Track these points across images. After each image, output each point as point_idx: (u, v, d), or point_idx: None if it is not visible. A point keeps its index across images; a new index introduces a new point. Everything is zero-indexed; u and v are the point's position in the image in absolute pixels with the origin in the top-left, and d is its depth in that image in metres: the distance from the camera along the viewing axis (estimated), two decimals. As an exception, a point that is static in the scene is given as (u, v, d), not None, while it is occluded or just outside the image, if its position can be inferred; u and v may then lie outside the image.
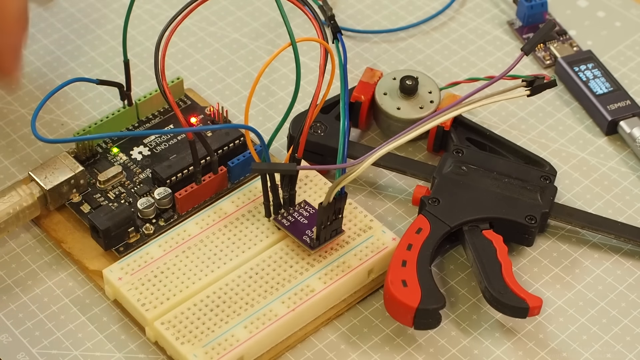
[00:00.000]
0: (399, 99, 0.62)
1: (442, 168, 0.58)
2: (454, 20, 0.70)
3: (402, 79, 0.61)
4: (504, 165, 0.58)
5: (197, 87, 0.66)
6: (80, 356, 0.53)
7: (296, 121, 0.60)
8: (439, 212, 0.56)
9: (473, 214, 0.56)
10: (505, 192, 0.57)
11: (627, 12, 0.71)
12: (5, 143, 0.63)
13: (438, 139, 0.61)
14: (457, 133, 0.61)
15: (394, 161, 0.60)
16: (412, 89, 0.61)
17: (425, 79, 0.62)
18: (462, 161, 0.58)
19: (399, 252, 0.54)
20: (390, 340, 0.54)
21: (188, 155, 0.58)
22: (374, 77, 0.62)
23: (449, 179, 0.58)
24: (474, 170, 0.58)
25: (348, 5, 0.71)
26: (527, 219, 0.56)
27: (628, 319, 0.55)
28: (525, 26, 0.69)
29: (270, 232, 0.56)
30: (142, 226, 0.57)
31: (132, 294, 0.53)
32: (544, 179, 0.58)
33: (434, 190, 0.57)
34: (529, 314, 0.53)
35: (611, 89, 0.64)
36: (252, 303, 0.53)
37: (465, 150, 0.59)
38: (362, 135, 0.63)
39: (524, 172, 0.58)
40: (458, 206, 0.56)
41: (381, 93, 0.62)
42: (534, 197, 0.57)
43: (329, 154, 0.59)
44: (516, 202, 0.57)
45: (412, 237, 0.55)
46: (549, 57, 0.67)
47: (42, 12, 0.70)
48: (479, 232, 0.55)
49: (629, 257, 0.58)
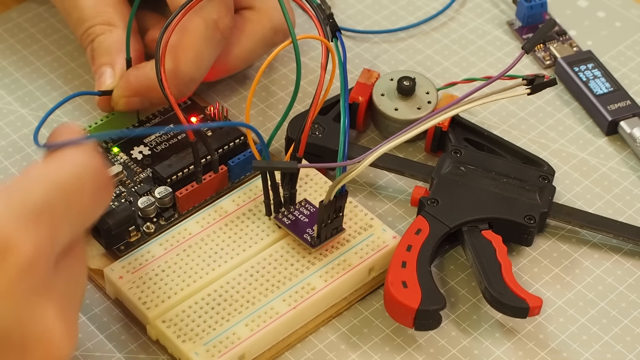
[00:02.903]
0: (397, 100, 0.62)
1: (441, 168, 0.58)
2: (454, 21, 0.70)
3: (400, 80, 0.61)
4: (502, 165, 0.58)
5: (197, 87, 0.66)
6: (80, 356, 0.53)
7: (294, 123, 0.60)
8: (438, 213, 0.56)
9: (472, 214, 0.56)
10: (504, 192, 0.57)
11: (627, 12, 0.71)
12: (5, 143, 0.63)
13: (436, 139, 0.61)
14: (455, 133, 0.61)
15: (392, 162, 0.60)
16: (409, 89, 0.61)
17: (423, 80, 0.62)
18: (461, 161, 0.58)
19: (399, 253, 0.54)
20: (391, 340, 0.54)
21: (188, 155, 0.58)
22: (371, 78, 0.62)
23: (448, 179, 0.58)
24: (473, 170, 0.58)
25: (348, 5, 0.71)
26: (526, 219, 0.56)
27: (628, 319, 0.55)
28: (525, 26, 0.69)
29: (270, 230, 0.56)
30: (142, 225, 0.57)
31: (133, 293, 0.53)
32: (543, 179, 0.58)
33: (432, 191, 0.57)
34: (529, 314, 0.53)
35: (611, 89, 0.64)
36: (253, 301, 0.53)
37: (463, 151, 0.59)
38: (360, 137, 0.63)
39: (523, 172, 0.58)
40: (457, 207, 0.56)
41: (379, 94, 0.62)
42: (533, 197, 0.57)
43: (328, 156, 0.59)
44: (515, 202, 0.57)
45: (412, 238, 0.55)
46: (549, 57, 0.67)
47: (42, 12, 0.70)
48: (478, 233, 0.55)
49: (629, 257, 0.58)
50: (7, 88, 0.66)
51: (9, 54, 0.68)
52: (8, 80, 0.66)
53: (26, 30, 0.69)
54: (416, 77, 0.62)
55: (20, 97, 0.65)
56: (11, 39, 0.68)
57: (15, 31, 0.69)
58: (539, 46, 0.68)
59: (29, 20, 0.70)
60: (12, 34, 0.69)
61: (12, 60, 0.67)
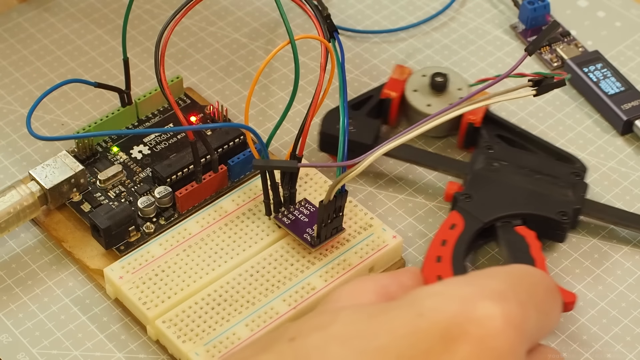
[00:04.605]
0: (429, 96, 0.62)
1: (474, 164, 0.58)
2: (454, 21, 0.70)
3: (432, 76, 0.62)
4: (535, 161, 0.59)
5: (197, 87, 0.66)
6: (81, 356, 0.53)
7: (328, 118, 0.60)
8: (472, 208, 0.56)
9: (506, 209, 0.56)
10: (537, 189, 0.57)
11: (627, 12, 0.71)
12: (5, 143, 0.63)
13: (469, 135, 0.61)
14: (488, 130, 0.61)
15: (425, 157, 0.60)
16: (442, 85, 0.62)
17: (455, 76, 0.63)
18: (494, 157, 0.59)
19: (434, 248, 0.54)
20: (391, 339, 0.54)
21: (188, 154, 0.58)
22: (404, 74, 0.63)
23: (481, 175, 0.58)
24: (506, 166, 0.58)
25: (348, 5, 0.71)
26: (560, 215, 0.56)
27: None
28: (528, 29, 0.69)
29: (270, 230, 0.56)
30: (142, 225, 0.57)
31: (133, 293, 0.53)
32: (575, 175, 0.58)
33: (466, 187, 0.57)
34: (563, 309, 0.53)
35: (622, 88, 0.64)
36: (253, 301, 0.53)
37: (496, 147, 0.59)
38: (392, 132, 0.63)
39: (555, 169, 0.58)
40: (490, 202, 0.57)
41: (411, 90, 0.62)
42: (566, 193, 0.57)
43: (360, 150, 0.59)
44: (548, 199, 0.57)
45: (446, 232, 0.55)
46: (556, 59, 0.67)
47: (42, 12, 0.70)
48: (512, 228, 0.56)
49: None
50: (7, 88, 0.66)
51: (9, 54, 0.68)
52: (8, 80, 0.66)
53: (26, 30, 0.69)
54: (449, 74, 0.62)
55: (20, 97, 0.65)
56: (11, 39, 0.68)
57: (15, 31, 0.69)
58: (545, 48, 0.67)
59: (29, 20, 0.70)
60: (12, 34, 0.69)
61: (12, 60, 0.67)
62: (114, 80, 0.66)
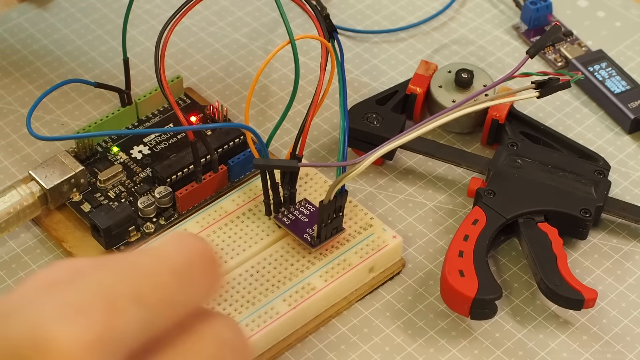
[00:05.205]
0: (454, 92, 0.62)
1: (497, 161, 0.59)
2: (454, 21, 0.70)
3: (458, 72, 0.62)
4: (558, 158, 0.59)
5: (197, 87, 0.66)
6: (81, 355, 0.53)
7: (354, 112, 0.61)
8: (495, 204, 0.56)
9: (528, 206, 0.56)
10: (560, 186, 0.57)
11: (627, 12, 0.71)
12: (5, 143, 0.63)
13: (492, 132, 0.62)
14: (512, 126, 0.61)
15: (449, 153, 0.60)
16: (467, 81, 0.62)
17: (480, 72, 0.63)
18: (517, 154, 0.59)
19: (456, 243, 0.54)
20: (391, 340, 0.54)
21: (188, 154, 0.58)
22: (429, 69, 0.63)
23: (504, 171, 0.58)
24: (529, 163, 0.59)
25: (348, 5, 0.71)
26: (582, 212, 0.56)
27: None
28: (531, 29, 0.69)
29: (270, 230, 0.56)
30: (142, 225, 0.57)
31: (133, 293, 0.53)
32: (598, 173, 0.58)
33: (489, 183, 0.58)
34: (584, 306, 0.53)
35: (628, 87, 0.64)
36: (253, 301, 0.53)
37: (519, 144, 0.59)
38: None
39: (578, 166, 0.59)
40: (513, 198, 0.57)
41: (436, 86, 0.63)
42: (589, 190, 0.57)
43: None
44: (571, 196, 0.57)
45: (469, 228, 0.55)
46: (560, 58, 0.67)
47: (42, 12, 0.70)
48: (534, 225, 0.56)
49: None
50: (7, 88, 0.66)
51: (9, 54, 0.68)
52: (8, 80, 0.66)
53: (26, 30, 0.69)
54: (474, 70, 0.62)
55: (20, 97, 0.65)
56: (11, 39, 0.68)
57: (15, 31, 0.69)
58: (549, 48, 0.67)
59: (29, 20, 0.70)
60: (12, 34, 0.69)
61: (12, 60, 0.67)
62: (114, 80, 0.66)
